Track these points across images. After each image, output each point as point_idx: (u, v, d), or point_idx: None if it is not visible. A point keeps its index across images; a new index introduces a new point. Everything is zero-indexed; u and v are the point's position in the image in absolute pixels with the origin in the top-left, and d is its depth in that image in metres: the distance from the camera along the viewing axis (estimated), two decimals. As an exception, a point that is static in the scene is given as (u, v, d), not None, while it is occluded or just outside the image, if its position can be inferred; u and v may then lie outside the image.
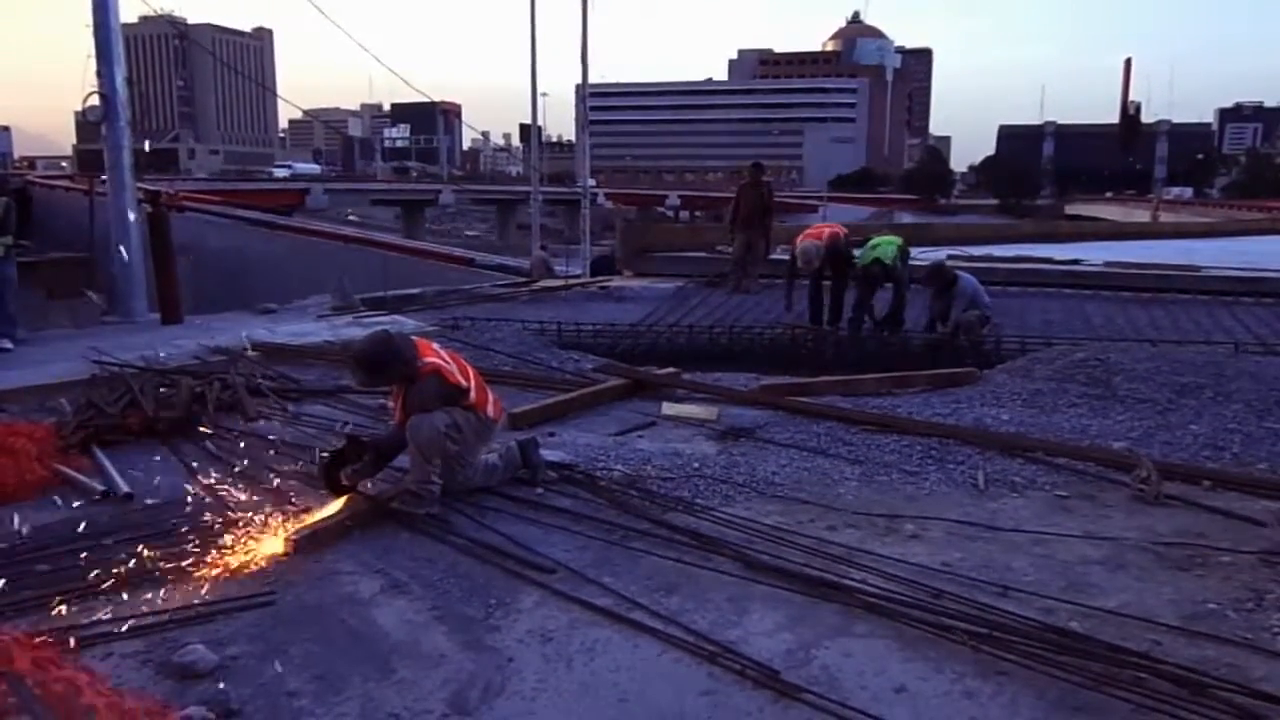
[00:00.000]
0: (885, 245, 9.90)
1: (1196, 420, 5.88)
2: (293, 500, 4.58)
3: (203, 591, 3.61)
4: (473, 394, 4.59)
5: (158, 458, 5.39)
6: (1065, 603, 3.49)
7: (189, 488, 4.81)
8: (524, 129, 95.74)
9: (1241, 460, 5.24)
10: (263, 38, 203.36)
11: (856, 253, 10.31)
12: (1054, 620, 3.33)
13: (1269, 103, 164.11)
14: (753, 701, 2.89)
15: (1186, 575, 3.78)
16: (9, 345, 8.63)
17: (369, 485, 4.59)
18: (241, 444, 5.54)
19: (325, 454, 4.69)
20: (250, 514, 4.37)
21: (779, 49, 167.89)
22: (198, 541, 4.03)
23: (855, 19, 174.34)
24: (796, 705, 2.85)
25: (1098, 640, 3.16)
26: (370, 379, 4.60)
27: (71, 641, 3.10)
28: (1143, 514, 4.48)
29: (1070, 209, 72.97)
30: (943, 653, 3.14)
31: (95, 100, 10.63)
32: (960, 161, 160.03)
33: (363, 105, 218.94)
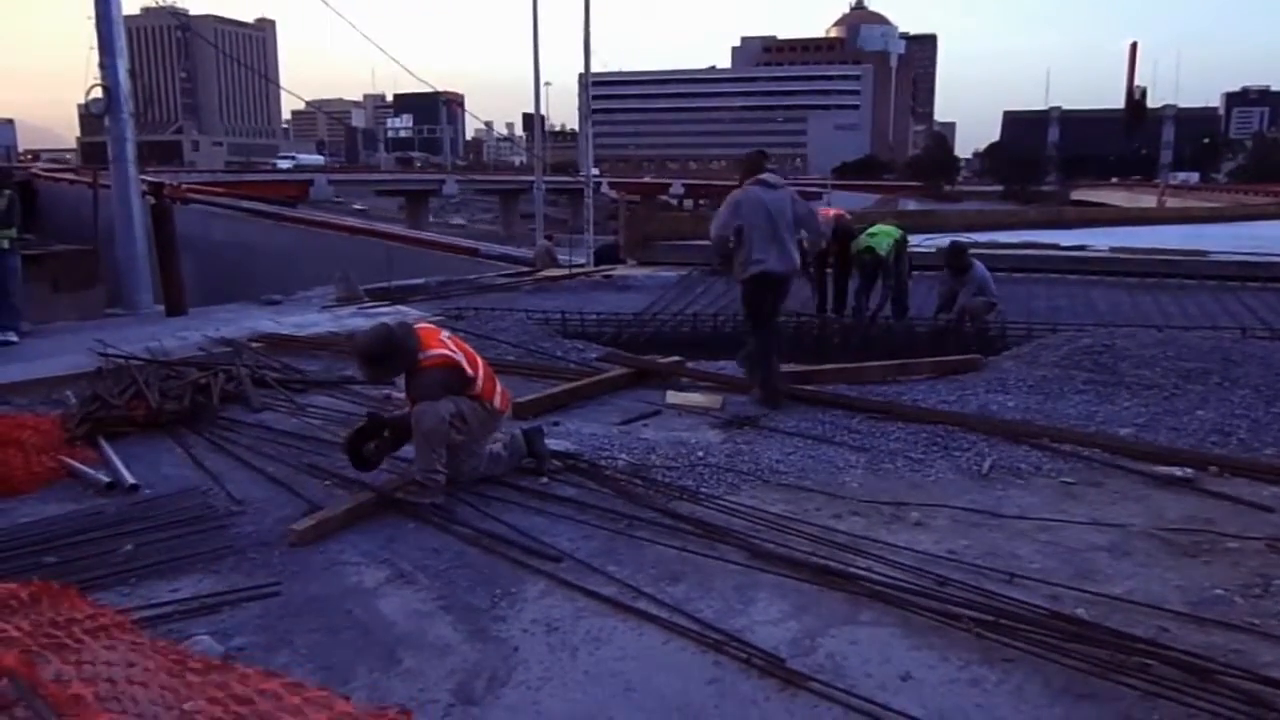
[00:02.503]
0: (882, 236, 9.85)
1: (1203, 406, 5.85)
2: (298, 491, 4.59)
3: (209, 582, 3.63)
4: (479, 383, 4.59)
5: (163, 449, 5.40)
6: (1071, 589, 3.48)
7: (194, 479, 4.82)
8: (527, 118, 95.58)
9: (1248, 446, 5.22)
10: (265, 28, 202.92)
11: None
12: (1060, 607, 3.32)
13: (1275, 87, 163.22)
14: (759, 690, 2.89)
15: (1193, 561, 3.77)
16: (14, 338, 8.65)
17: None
18: (247, 435, 5.55)
19: (350, 430, 4.78)
20: (254, 504, 4.38)
21: (782, 36, 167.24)
22: (203, 531, 4.04)
23: (859, 5, 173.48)
24: (802, 693, 2.85)
25: (1104, 627, 3.15)
26: (373, 372, 4.62)
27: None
28: (1150, 501, 4.46)
29: (1076, 194, 72.65)
30: (948, 640, 3.13)
31: (98, 93, 10.63)
32: (965, 148, 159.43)
33: (366, 96, 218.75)
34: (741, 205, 6.21)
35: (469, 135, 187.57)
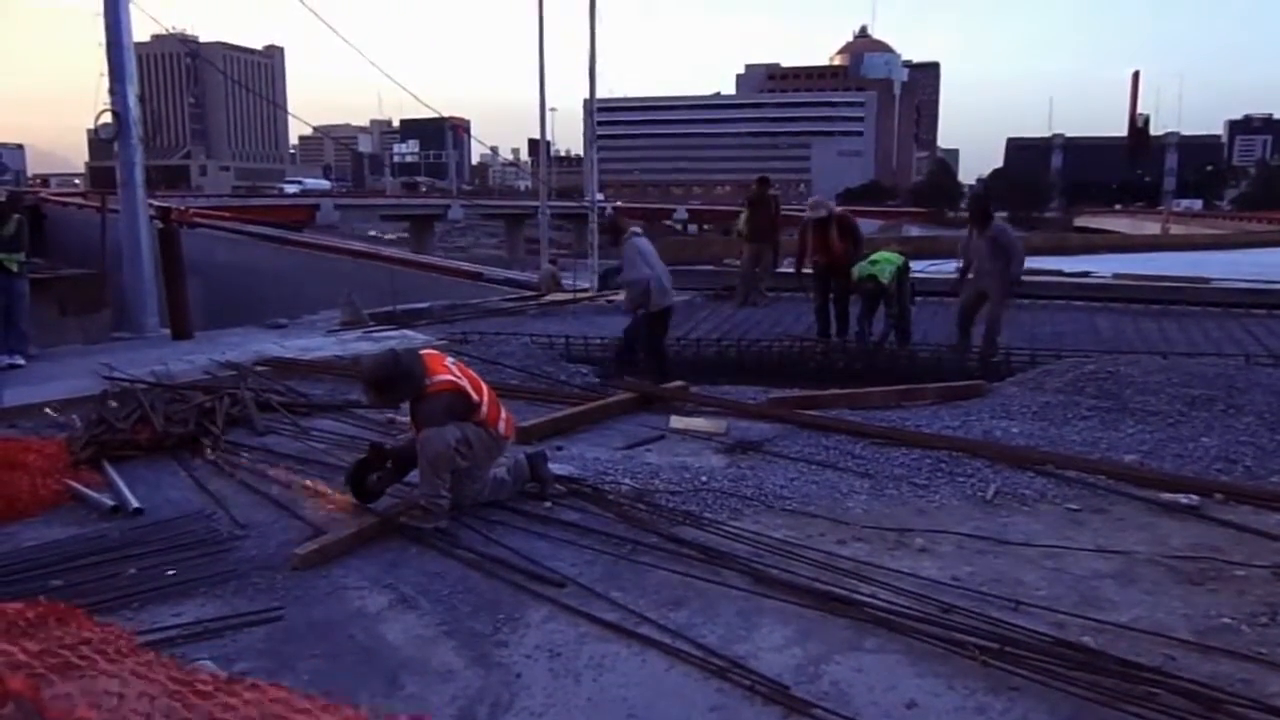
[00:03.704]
0: (884, 263, 9.81)
1: (1208, 433, 5.84)
2: (301, 515, 4.59)
3: (212, 606, 3.62)
4: (484, 409, 4.60)
5: (167, 472, 5.41)
6: (1077, 617, 3.46)
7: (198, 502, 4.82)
8: (533, 143, 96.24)
9: (1254, 473, 5.20)
10: (273, 55, 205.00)
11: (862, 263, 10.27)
12: (1066, 635, 3.31)
13: (1278, 115, 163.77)
14: (762, 717, 2.87)
15: (1199, 589, 3.75)
16: (21, 361, 8.69)
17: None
18: (250, 459, 5.55)
19: (352, 461, 4.78)
20: (257, 528, 4.38)
21: (787, 63, 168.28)
22: (206, 555, 4.04)
23: (863, 33, 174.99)
24: (806, 721, 2.84)
25: (1110, 655, 3.14)
26: (379, 398, 4.64)
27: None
28: (1155, 528, 4.45)
29: (1079, 221, 72.73)
30: (953, 668, 3.12)
31: (108, 118, 10.74)
32: (969, 174, 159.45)
33: (372, 121, 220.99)
34: (642, 253, 7.83)
35: (475, 160, 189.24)
